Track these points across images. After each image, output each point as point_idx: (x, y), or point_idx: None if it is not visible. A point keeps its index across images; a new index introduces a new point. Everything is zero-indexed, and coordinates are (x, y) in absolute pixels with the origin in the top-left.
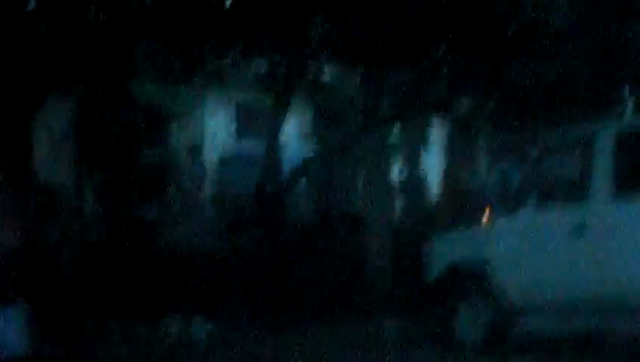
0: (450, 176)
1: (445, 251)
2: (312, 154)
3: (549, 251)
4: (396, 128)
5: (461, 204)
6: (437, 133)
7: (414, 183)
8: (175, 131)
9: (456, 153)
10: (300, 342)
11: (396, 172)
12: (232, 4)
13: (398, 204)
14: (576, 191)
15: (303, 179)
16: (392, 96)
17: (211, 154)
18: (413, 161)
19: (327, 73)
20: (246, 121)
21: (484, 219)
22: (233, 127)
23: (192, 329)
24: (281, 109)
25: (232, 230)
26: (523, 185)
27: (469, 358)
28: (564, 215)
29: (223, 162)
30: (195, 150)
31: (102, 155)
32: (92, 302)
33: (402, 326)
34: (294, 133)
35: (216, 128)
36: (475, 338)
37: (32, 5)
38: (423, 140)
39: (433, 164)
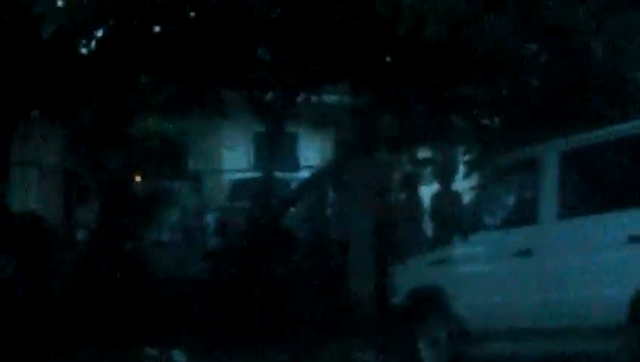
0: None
1: (406, 277)
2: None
3: (499, 275)
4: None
5: (419, 229)
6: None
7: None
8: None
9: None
10: None
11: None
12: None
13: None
14: (525, 213)
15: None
16: None
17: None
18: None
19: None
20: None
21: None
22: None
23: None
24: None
25: (220, 259)
26: (475, 210)
27: None
28: (513, 238)
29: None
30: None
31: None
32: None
33: (368, 350)
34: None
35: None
36: None
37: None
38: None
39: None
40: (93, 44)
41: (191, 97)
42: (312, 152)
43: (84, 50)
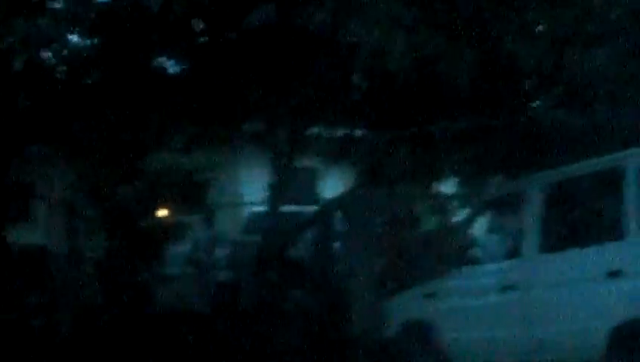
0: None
1: (398, 310)
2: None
3: (485, 309)
4: None
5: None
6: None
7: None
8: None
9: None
10: None
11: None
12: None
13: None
14: (510, 246)
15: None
16: None
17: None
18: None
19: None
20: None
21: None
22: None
23: None
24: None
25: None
26: (462, 243)
27: None
28: (499, 272)
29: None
30: (211, 214)
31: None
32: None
33: None
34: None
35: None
36: None
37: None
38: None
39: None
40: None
41: (203, 134)
42: (331, 186)
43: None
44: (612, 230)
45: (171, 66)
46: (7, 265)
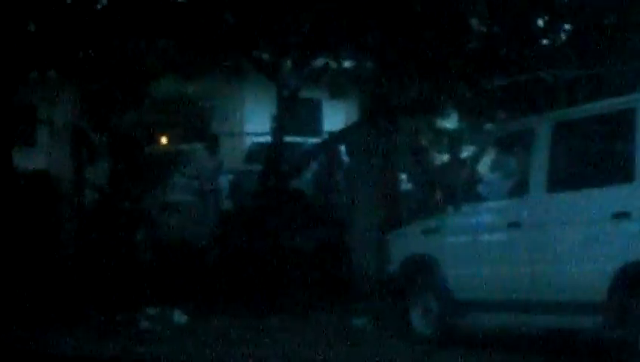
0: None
1: (400, 245)
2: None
3: (491, 246)
4: None
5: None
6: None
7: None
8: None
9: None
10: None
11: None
12: None
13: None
14: (517, 185)
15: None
16: None
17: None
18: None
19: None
20: None
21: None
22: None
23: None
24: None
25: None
26: (467, 180)
27: (423, 350)
28: (505, 209)
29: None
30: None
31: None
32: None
33: (364, 316)
34: None
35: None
36: (426, 331)
37: None
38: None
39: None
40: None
41: (210, 61)
42: (336, 119)
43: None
44: (620, 172)
45: None
46: (14, 190)
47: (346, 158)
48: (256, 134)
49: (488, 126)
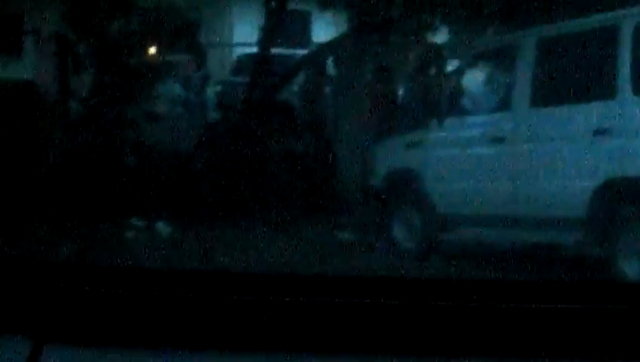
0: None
1: (382, 160)
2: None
3: (474, 162)
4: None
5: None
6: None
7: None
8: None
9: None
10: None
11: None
12: None
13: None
14: (501, 99)
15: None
16: None
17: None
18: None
19: None
20: None
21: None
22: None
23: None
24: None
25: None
26: (450, 95)
27: (406, 265)
28: (488, 124)
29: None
30: (202, 54)
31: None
32: (71, 200)
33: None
34: None
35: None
36: (410, 246)
37: None
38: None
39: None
40: None
41: None
42: (327, 31)
43: None
44: (603, 88)
45: None
46: None
47: (334, 71)
48: (245, 45)
49: (476, 41)
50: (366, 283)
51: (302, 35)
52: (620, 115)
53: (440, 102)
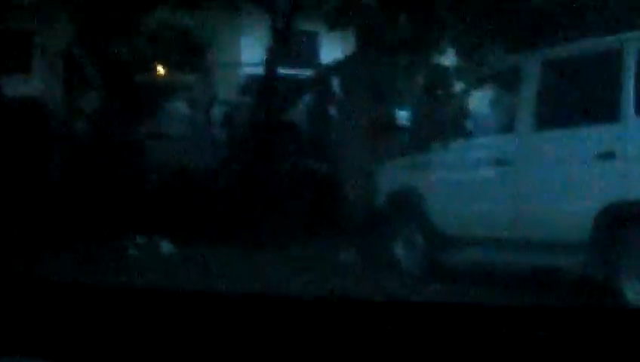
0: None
1: (386, 181)
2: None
3: (477, 184)
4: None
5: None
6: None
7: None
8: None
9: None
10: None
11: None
12: None
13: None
14: (505, 122)
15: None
16: None
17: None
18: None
19: None
20: None
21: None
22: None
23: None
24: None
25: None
26: (454, 117)
27: (409, 285)
28: (492, 146)
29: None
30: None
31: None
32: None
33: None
34: None
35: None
36: (412, 267)
37: None
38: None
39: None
40: None
41: None
42: (334, 52)
43: None
44: (607, 112)
45: None
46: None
47: (339, 92)
48: (252, 65)
49: (480, 63)
50: (367, 307)
51: (309, 56)
52: (623, 138)
53: (444, 124)
